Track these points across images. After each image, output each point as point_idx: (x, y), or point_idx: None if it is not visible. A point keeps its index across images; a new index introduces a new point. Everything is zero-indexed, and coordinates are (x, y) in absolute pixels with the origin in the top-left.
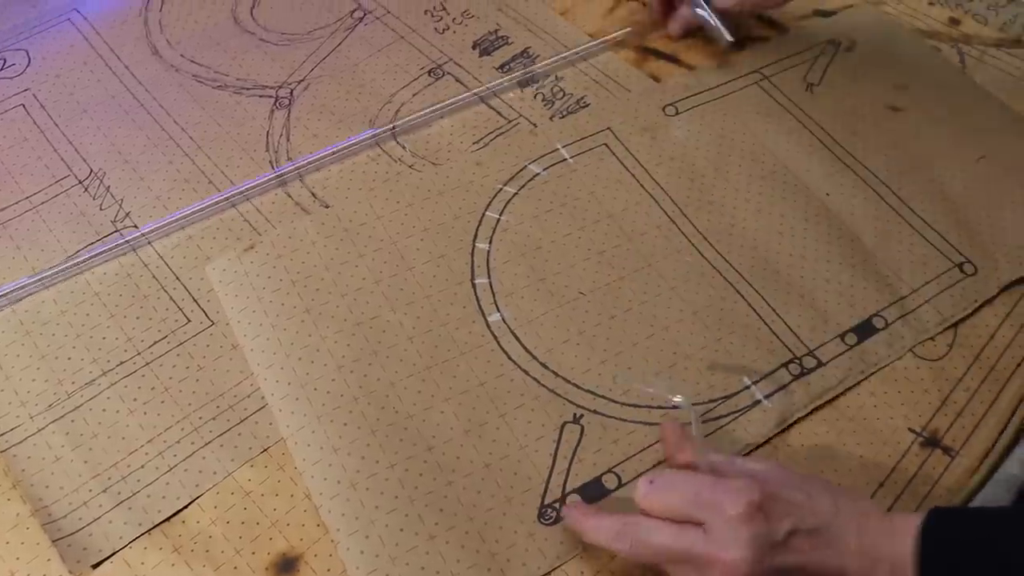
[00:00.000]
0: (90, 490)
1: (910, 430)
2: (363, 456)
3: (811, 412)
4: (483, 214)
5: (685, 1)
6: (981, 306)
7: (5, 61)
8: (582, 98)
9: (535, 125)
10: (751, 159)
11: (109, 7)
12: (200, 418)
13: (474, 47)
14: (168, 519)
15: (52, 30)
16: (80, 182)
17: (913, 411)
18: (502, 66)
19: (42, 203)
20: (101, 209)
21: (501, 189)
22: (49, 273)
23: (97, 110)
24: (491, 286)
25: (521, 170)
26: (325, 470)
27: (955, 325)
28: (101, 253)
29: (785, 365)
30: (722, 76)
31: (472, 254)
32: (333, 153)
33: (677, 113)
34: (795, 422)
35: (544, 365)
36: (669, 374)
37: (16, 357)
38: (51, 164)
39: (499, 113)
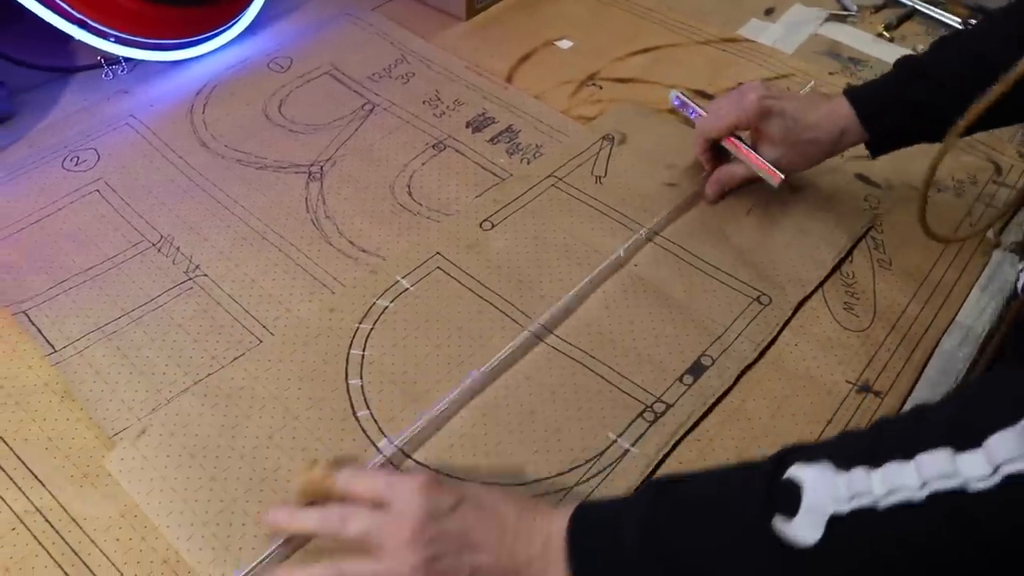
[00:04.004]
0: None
1: (847, 382)
2: None
3: (766, 373)
4: (348, 352)
5: (726, 161)
6: (793, 311)
7: (79, 158)
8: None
9: (511, 174)
10: (564, 250)
11: (159, 112)
12: None
13: (467, 126)
14: None
15: (113, 133)
16: (153, 244)
17: (848, 368)
18: (492, 139)
19: (123, 262)
20: (174, 264)
21: (358, 328)
22: (138, 312)
23: (160, 191)
24: (373, 416)
25: (371, 307)
26: None
27: (875, 303)
28: (180, 296)
29: (641, 415)
30: (523, 186)
31: (348, 391)
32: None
33: (493, 227)
34: (754, 382)
35: (437, 471)
36: (546, 448)
37: (118, 374)
38: (127, 233)
39: (493, 173)
